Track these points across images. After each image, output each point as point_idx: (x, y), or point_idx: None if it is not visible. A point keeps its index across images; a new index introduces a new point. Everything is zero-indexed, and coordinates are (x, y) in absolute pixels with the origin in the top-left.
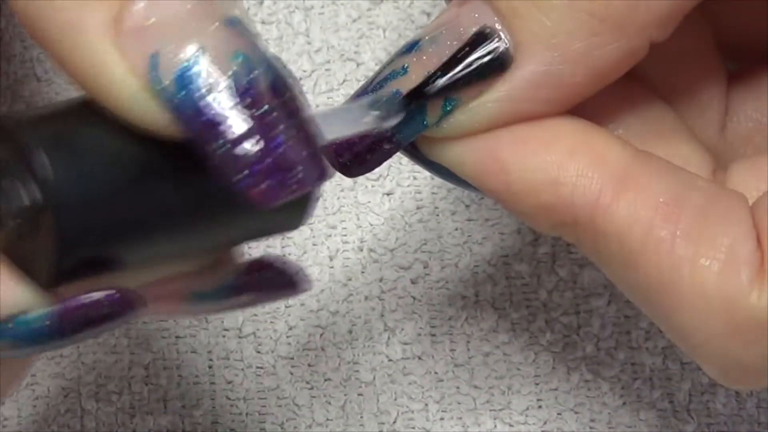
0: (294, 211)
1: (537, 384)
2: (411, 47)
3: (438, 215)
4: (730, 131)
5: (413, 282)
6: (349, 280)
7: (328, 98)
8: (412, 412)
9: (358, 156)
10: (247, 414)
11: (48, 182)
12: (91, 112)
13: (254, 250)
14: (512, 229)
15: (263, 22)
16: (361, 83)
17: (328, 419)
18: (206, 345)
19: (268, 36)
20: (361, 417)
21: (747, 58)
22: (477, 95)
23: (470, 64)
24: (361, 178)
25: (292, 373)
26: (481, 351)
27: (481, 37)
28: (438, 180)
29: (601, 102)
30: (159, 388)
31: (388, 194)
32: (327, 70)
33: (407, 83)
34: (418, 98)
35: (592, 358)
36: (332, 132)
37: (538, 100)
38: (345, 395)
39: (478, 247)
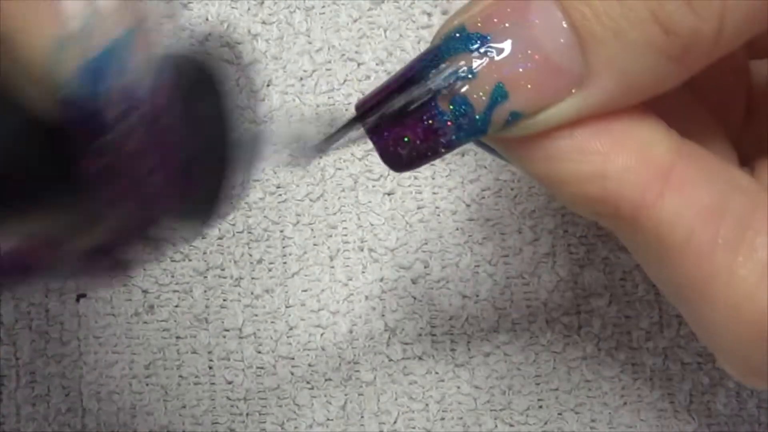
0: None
1: (538, 384)
2: (475, 40)
3: (439, 215)
4: (753, 127)
5: (414, 282)
6: (350, 279)
7: (329, 98)
8: (413, 412)
9: (416, 153)
10: (247, 414)
11: None
12: None
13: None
14: (513, 229)
15: (264, 23)
16: (397, 72)
17: (328, 419)
18: (206, 345)
19: (269, 36)
20: (362, 417)
21: None
22: (540, 109)
23: None
24: (361, 178)
25: (292, 373)
26: (482, 351)
27: None
28: (438, 180)
29: None
30: (160, 388)
31: (388, 194)
32: (328, 69)
33: (475, 92)
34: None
35: (593, 358)
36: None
37: (596, 115)
38: (345, 395)
39: (478, 246)
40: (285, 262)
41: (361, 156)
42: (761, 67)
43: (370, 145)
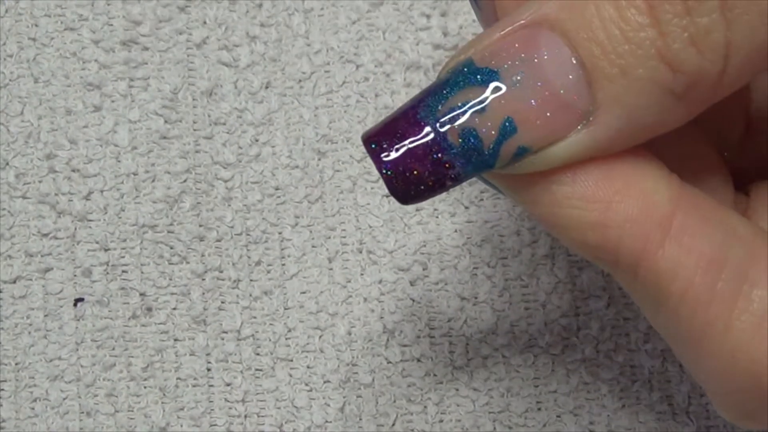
0: None
1: (536, 386)
2: (484, 74)
3: (437, 217)
4: (751, 146)
5: (412, 284)
6: (348, 281)
7: (328, 100)
8: (411, 414)
9: (424, 186)
10: (245, 416)
11: None
12: None
13: None
14: (511, 231)
15: (262, 25)
16: (418, 93)
17: (326, 421)
18: (205, 347)
19: (268, 38)
20: (360, 419)
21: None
22: (547, 144)
23: None
24: (360, 180)
25: (290, 375)
26: (480, 353)
27: None
28: None
29: None
30: (158, 390)
31: (387, 196)
32: (326, 72)
33: (484, 126)
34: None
35: (591, 360)
36: None
37: (602, 153)
38: (344, 397)
39: (477, 249)
40: (283, 264)
41: (359, 158)
42: (761, 83)
43: None
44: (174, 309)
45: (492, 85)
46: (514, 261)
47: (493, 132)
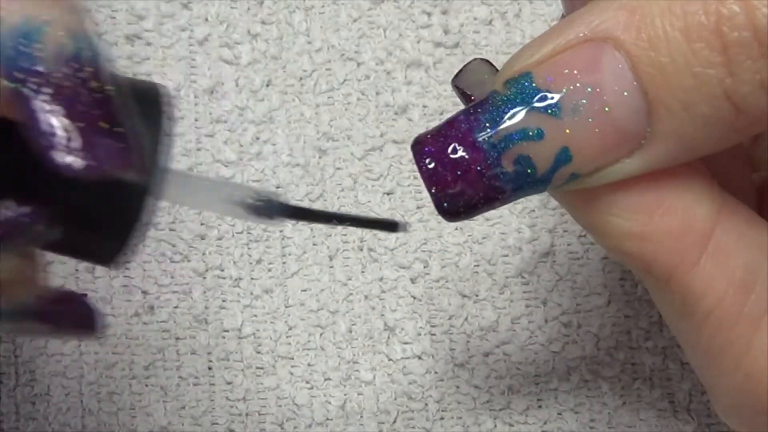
0: (110, 237)
1: (537, 384)
2: (543, 98)
3: (438, 214)
4: (761, 142)
5: (413, 281)
6: (349, 279)
7: (329, 98)
8: (412, 411)
9: (473, 207)
10: (246, 414)
11: None
12: None
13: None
14: (512, 228)
15: (264, 22)
16: (458, 111)
17: (327, 419)
18: (206, 346)
19: (269, 36)
20: (361, 416)
21: None
22: (599, 170)
23: None
24: (361, 177)
25: (291, 373)
26: (481, 350)
27: None
28: None
29: None
30: (159, 389)
31: (388, 194)
32: (327, 69)
33: (540, 154)
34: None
35: (592, 357)
36: (186, 199)
37: (651, 171)
38: (345, 395)
39: (478, 246)
40: (284, 262)
41: (360, 156)
42: None
43: (369, 145)
44: (175, 307)
45: (550, 111)
46: (514, 258)
47: (548, 160)
